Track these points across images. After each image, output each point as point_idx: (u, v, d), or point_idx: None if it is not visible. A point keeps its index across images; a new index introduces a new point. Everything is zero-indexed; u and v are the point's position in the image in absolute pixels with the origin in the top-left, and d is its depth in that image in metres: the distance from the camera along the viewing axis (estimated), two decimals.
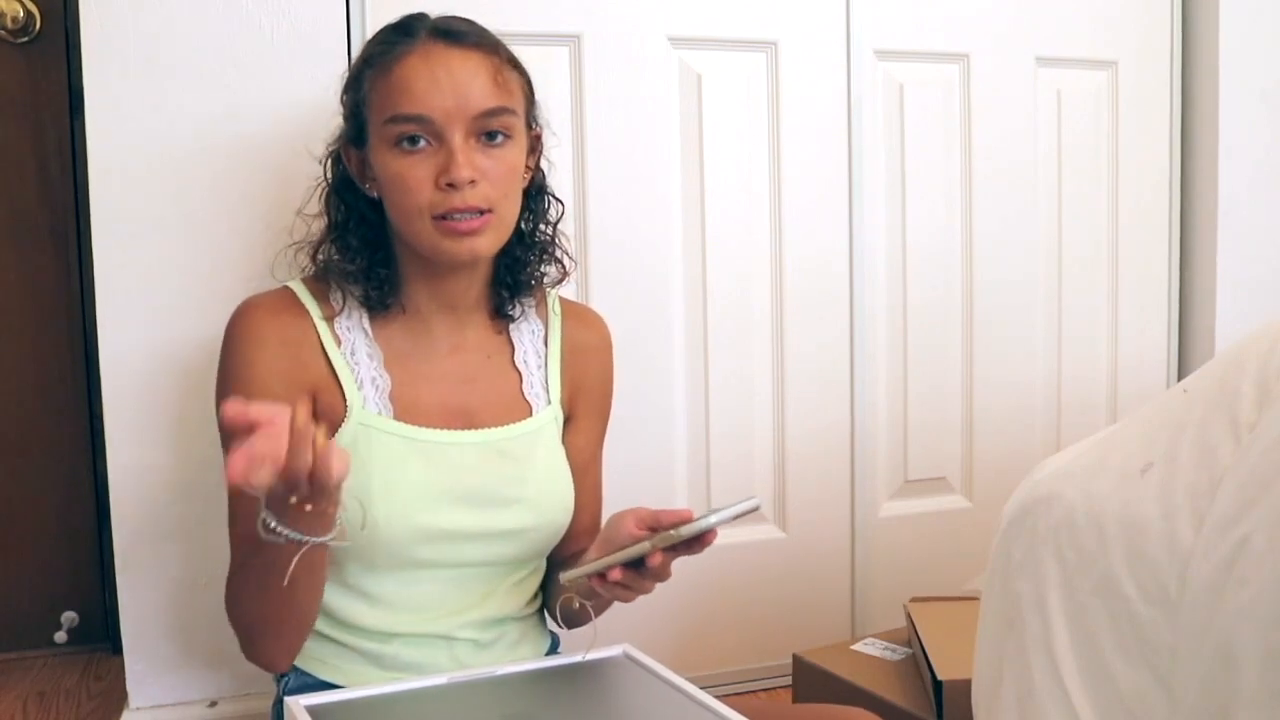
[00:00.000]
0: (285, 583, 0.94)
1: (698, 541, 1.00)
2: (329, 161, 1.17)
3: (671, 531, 0.96)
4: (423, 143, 1.06)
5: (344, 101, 1.14)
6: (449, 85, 1.06)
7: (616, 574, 1.00)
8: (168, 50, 1.40)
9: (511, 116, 1.10)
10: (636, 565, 1.00)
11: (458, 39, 1.08)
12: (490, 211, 1.07)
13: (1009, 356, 1.87)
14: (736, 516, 0.97)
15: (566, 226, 1.58)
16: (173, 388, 1.42)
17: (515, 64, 1.13)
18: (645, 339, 1.65)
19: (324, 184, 1.18)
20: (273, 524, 0.91)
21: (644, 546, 0.98)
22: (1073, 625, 0.92)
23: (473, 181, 1.06)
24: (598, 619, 1.17)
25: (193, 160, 1.42)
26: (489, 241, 1.09)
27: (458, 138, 1.06)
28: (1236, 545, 0.80)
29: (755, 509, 0.98)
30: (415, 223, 1.07)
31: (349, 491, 0.97)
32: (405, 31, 1.10)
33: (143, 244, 1.41)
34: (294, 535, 0.92)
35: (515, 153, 1.11)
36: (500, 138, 1.09)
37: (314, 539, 0.93)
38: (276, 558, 0.94)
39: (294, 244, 1.22)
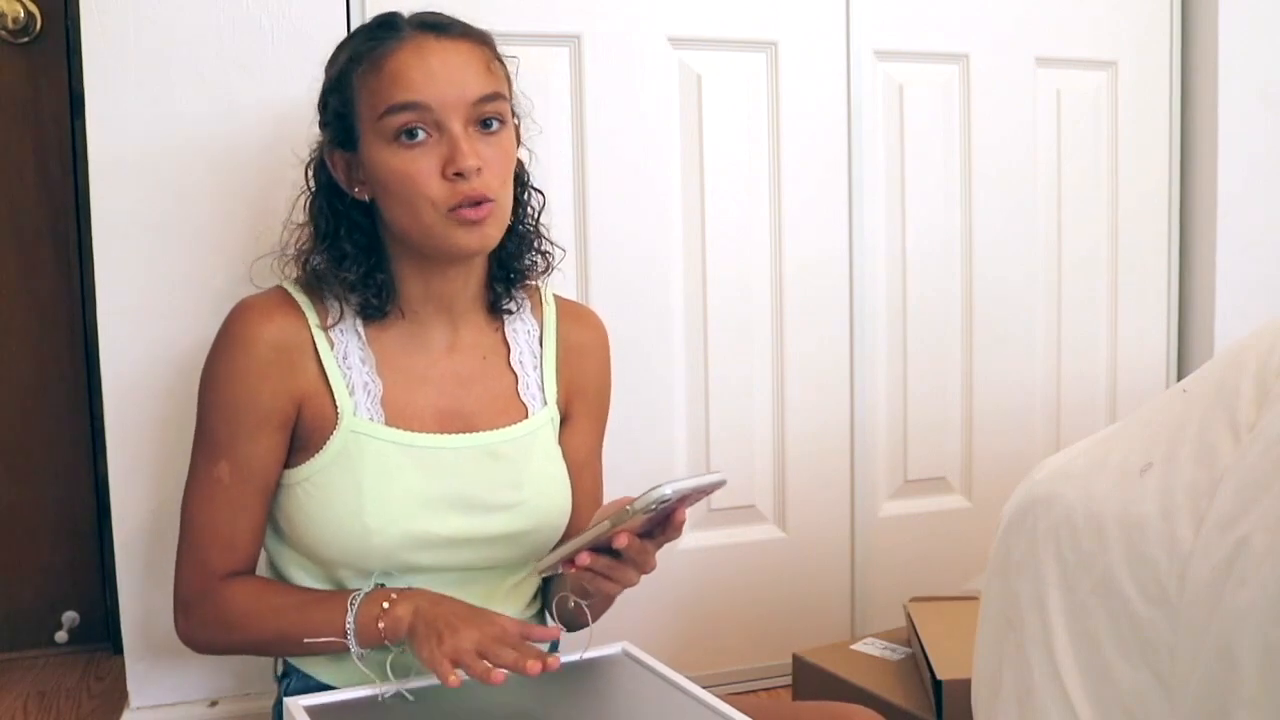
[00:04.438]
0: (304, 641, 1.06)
1: (669, 523, 0.99)
2: (310, 170, 1.15)
3: (626, 508, 0.93)
4: (422, 134, 1.04)
5: (325, 106, 1.11)
6: (444, 74, 1.05)
7: (585, 558, 0.99)
8: (168, 50, 1.40)
9: (504, 102, 1.09)
10: (615, 555, 0.99)
11: (446, 30, 1.08)
12: (492, 200, 1.06)
13: (1009, 356, 1.87)
14: (696, 489, 0.94)
15: (566, 226, 1.60)
16: (173, 387, 1.42)
17: (499, 54, 1.12)
18: (645, 339, 1.65)
19: (307, 192, 1.15)
20: (350, 624, 1.04)
21: (603, 526, 0.96)
22: (1072, 625, 0.92)
23: (478, 170, 1.04)
24: (596, 623, 1.16)
25: (193, 160, 1.42)
26: (495, 231, 1.08)
27: (458, 126, 1.05)
28: (1236, 545, 0.80)
29: (720, 484, 0.96)
30: (425, 217, 1.05)
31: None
32: (390, 27, 1.08)
33: (143, 244, 1.41)
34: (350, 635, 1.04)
35: (510, 140, 1.10)
36: (496, 124, 1.08)
37: (353, 646, 1.04)
38: (305, 631, 1.07)
39: (273, 254, 1.18)
